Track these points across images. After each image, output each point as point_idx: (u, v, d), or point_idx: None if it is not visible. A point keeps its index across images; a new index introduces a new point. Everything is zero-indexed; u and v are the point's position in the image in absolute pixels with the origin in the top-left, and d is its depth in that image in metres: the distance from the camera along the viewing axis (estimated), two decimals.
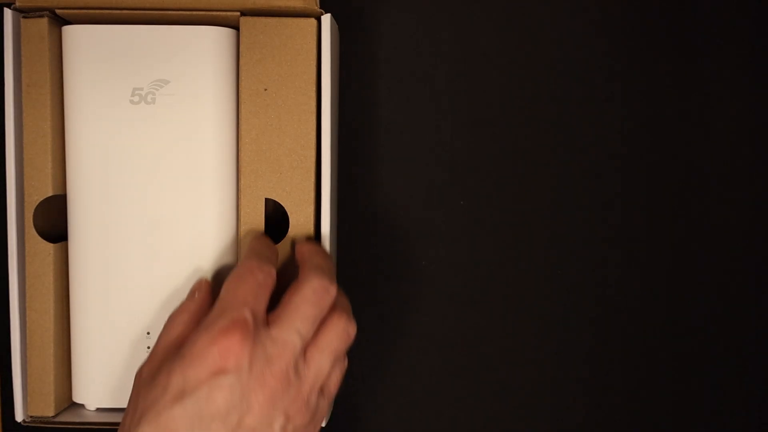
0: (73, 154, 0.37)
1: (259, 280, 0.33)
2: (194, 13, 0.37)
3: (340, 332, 0.34)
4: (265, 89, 0.37)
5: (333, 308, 0.34)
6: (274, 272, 0.34)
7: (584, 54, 0.45)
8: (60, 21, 0.38)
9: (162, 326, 0.35)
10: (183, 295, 0.37)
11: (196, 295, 0.36)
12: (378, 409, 0.47)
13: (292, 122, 0.37)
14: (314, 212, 0.38)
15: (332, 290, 0.34)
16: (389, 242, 0.46)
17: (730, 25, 0.45)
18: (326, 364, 0.33)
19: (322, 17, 0.37)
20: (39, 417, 0.38)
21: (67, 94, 0.37)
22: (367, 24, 0.45)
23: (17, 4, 0.36)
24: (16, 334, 0.38)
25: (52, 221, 0.39)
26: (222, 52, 0.37)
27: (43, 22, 0.37)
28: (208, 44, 0.36)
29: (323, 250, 0.37)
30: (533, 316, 0.47)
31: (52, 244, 0.38)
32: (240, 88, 0.37)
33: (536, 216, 0.46)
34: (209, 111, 0.37)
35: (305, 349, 0.33)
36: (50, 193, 0.38)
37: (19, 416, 0.38)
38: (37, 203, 0.38)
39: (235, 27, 0.38)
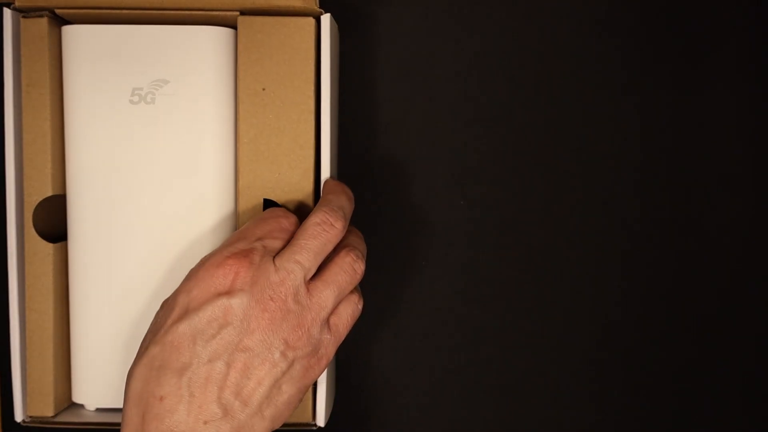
0: (72, 154, 0.37)
1: (282, 225, 0.34)
2: (194, 12, 0.37)
3: (346, 267, 0.34)
4: (264, 89, 0.37)
5: (342, 246, 0.35)
6: (296, 219, 0.35)
7: (585, 54, 0.45)
8: (60, 21, 0.38)
9: None
10: None
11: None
12: (378, 408, 0.47)
13: (290, 122, 0.37)
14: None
15: (337, 225, 0.34)
16: (389, 242, 0.46)
17: (730, 25, 0.45)
18: (330, 296, 0.33)
19: (322, 17, 0.37)
20: (38, 417, 0.38)
21: (67, 94, 0.37)
22: (367, 24, 0.45)
23: (17, 3, 0.36)
24: (16, 334, 0.38)
25: (52, 221, 0.39)
26: (222, 52, 0.37)
27: (43, 22, 0.37)
28: (208, 44, 0.36)
29: (342, 188, 0.37)
30: (533, 316, 0.47)
31: (51, 244, 0.38)
32: (238, 88, 0.37)
33: (536, 216, 0.46)
34: (209, 111, 0.37)
35: (309, 281, 0.33)
36: (50, 193, 0.38)
37: (18, 416, 0.38)
38: (36, 203, 0.38)
39: (235, 27, 0.37)
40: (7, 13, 0.37)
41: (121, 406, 0.39)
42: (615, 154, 0.45)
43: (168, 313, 0.32)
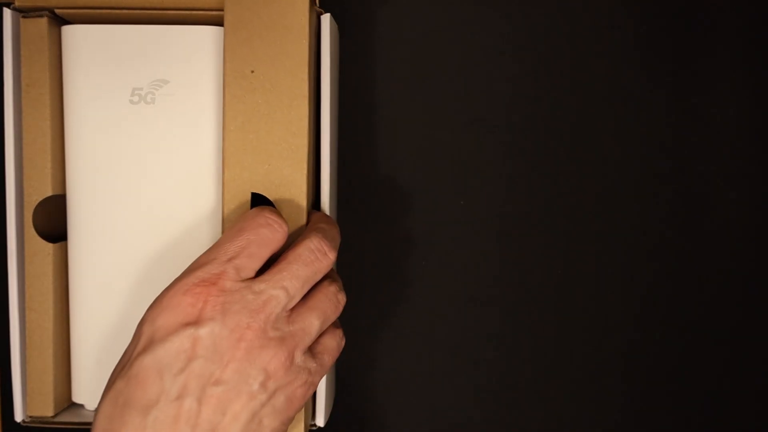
0: (72, 154, 0.37)
1: (263, 237, 0.31)
2: (194, 12, 0.36)
3: (330, 296, 0.32)
4: (252, 71, 0.34)
5: (325, 276, 0.33)
6: (285, 228, 0.32)
7: (585, 54, 0.45)
8: (59, 21, 0.38)
9: None
10: None
11: None
12: (378, 408, 0.47)
13: (281, 107, 0.34)
14: (306, 208, 0.35)
15: (331, 255, 0.32)
16: (389, 242, 0.46)
17: (730, 25, 0.45)
18: (315, 322, 0.31)
19: (322, 17, 0.37)
20: (38, 417, 0.38)
21: (67, 94, 0.37)
22: (367, 23, 0.45)
23: (17, 3, 0.36)
24: (16, 334, 0.38)
25: (52, 221, 0.39)
26: (222, 51, 0.37)
27: (43, 22, 0.37)
28: (208, 44, 0.36)
29: (331, 219, 0.35)
30: (534, 316, 0.47)
31: (51, 244, 0.38)
32: (224, 70, 0.34)
33: (536, 216, 0.46)
34: (209, 111, 0.37)
35: (292, 308, 0.31)
36: (50, 193, 0.38)
37: (18, 416, 0.38)
38: (36, 203, 0.38)
39: None
40: (7, 13, 0.36)
41: None
42: (616, 153, 0.45)
43: (134, 344, 0.30)
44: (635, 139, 0.45)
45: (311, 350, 0.32)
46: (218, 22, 0.37)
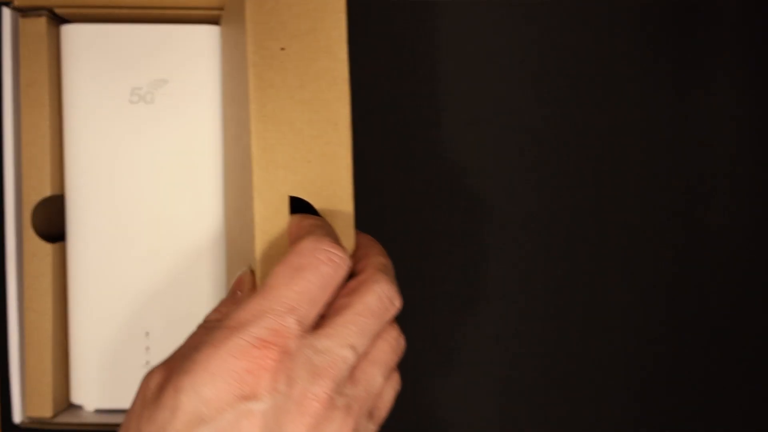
0: (71, 154, 0.37)
1: (324, 274, 0.25)
2: (194, 12, 0.36)
3: (393, 343, 0.28)
4: (282, 48, 0.28)
5: None
6: (350, 264, 0.26)
7: (585, 54, 0.45)
8: (59, 20, 0.38)
9: (160, 327, 0.35)
10: (182, 295, 0.37)
11: (238, 296, 0.29)
12: None
13: (320, 92, 0.28)
14: (353, 221, 0.30)
15: (397, 302, 0.27)
16: (389, 242, 0.46)
17: (730, 25, 0.45)
18: (378, 380, 0.27)
19: None
20: (37, 418, 0.38)
21: (66, 94, 0.37)
22: (368, 25, 0.46)
23: (15, 3, 0.36)
24: (14, 334, 0.38)
25: (51, 221, 0.39)
26: (220, 50, 0.37)
27: (42, 22, 0.37)
28: (208, 43, 0.36)
29: (380, 246, 0.30)
30: (534, 316, 0.47)
31: (50, 244, 0.38)
32: (247, 48, 0.28)
33: (536, 216, 0.46)
34: (208, 110, 0.37)
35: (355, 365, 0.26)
36: (49, 193, 0.38)
37: (17, 417, 0.38)
38: (35, 203, 0.38)
39: None
40: (6, 12, 0.36)
41: (120, 406, 0.38)
42: (615, 154, 0.45)
43: (170, 416, 0.24)
44: (636, 139, 0.45)
45: (371, 410, 0.27)
46: (218, 21, 0.37)
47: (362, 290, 0.26)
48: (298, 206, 0.29)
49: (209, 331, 0.25)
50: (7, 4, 0.36)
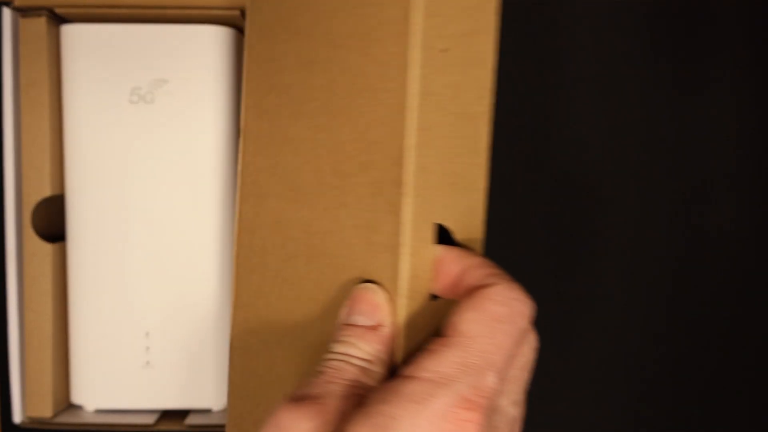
0: (71, 154, 0.37)
1: (520, 328, 0.24)
2: (194, 11, 0.36)
3: (534, 352, 0.26)
4: (444, 50, 0.24)
5: None
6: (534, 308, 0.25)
7: (585, 54, 0.45)
8: (59, 20, 0.38)
9: (160, 327, 0.34)
10: (182, 295, 0.37)
11: (380, 327, 0.25)
12: None
13: (469, 105, 0.25)
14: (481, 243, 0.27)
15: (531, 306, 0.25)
16: None
17: (731, 24, 0.45)
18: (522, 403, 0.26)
19: None
20: (37, 418, 0.38)
21: (66, 94, 0.37)
22: None
23: (16, 3, 0.36)
24: (14, 334, 0.37)
25: (51, 221, 0.39)
26: (222, 51, 0.37)
27: (42, 22, 0.37)
28: (208, 43, 0.36)
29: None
30: (534, 316, 0.47)
31: (50, 245, 0.38)
32: (408, 44, 0.23)
33: (536, 216, 0.46)
34: (209, 110, 0.37)
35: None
36: (48, 193, 0.38)
37: (17, 417, 0.38)
38: (35, 203, 0.38)
39: (236, 26, 0.37)
40: (6, 12, 0.36)
41: (119, 406, 0.38)
42: (616, 153, 0.45)
43: None
44: (636, 138, 0.45)
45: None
46: (219, 21, 0.37)
47: (521, 347, 0.25)
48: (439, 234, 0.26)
49: (400, 382, 0.22)
50: (7, 4, 0.36)
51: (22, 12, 0.37)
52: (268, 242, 0.29)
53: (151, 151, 0.37)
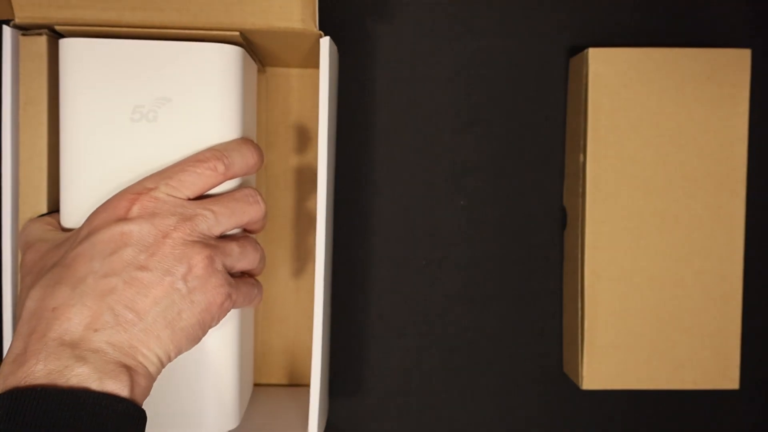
0: (69, 172, 0.36)
1: (200, 173, 0.34)
2: (195, 31, 0.36)
3: (253, 242, 0.36)
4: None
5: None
6: (229, 169, 0.35)
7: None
8: (59, 38, 0.38)
9: None
10: None
11: None
12: (378, 409, 0.47)
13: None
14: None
15: (263, 204, 0.36)
16: (390, 242, 0.47)
17: (730, 26, 0.47)
18: (235, 249, 0.34)
19: (321, 39, 0.37)
20: None
21: (65, 111, 0.36)
22: (365, 44, 0.46)
23: (16, 21, 0.36)
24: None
25: None
26: (225, 69, 0.36)
27: (42, 40, 0.37)
28: (212, 61, 0.36)
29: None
30: (534, 316, 0.47)
31: None
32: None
33: (536, 216, 0.47)
34: (213, 130, 0.36)
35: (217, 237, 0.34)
36: (45, 211, 0.37)
37: None
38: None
39: (239, 44, 0.37)
40: (6, 30, 0.36)
41: None
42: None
43: (71, 241, 0.33)
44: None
45: (229, 274, 0.34)
46: (221, 39, 0.37)
47: (231, 191, 0.36)
48: None
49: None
50: (7, 22, 0.36)
51: (22, 30, 0.37)
52: None
53: (153, 171, 0.35)
